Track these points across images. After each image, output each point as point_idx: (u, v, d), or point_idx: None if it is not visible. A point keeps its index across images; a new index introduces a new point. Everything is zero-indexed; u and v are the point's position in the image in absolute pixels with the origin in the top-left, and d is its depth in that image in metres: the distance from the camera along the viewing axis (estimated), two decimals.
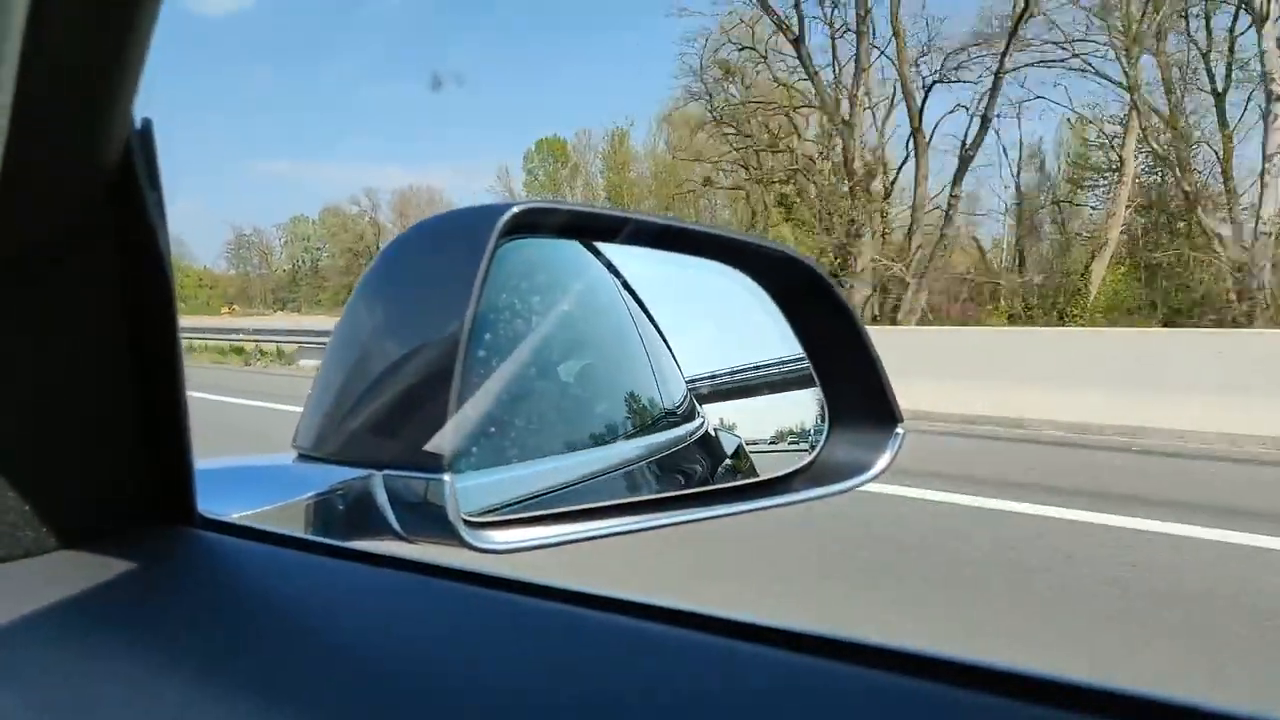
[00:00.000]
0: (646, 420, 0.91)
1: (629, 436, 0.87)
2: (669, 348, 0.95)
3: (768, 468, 0.91)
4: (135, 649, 0.43)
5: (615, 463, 0.82)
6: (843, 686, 0.33)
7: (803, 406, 0.90)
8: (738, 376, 0.97)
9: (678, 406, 0.93)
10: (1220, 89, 21.98)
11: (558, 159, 54.76)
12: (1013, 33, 22.18)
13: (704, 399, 0.94)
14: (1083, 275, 25.54)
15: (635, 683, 0.36)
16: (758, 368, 0.94)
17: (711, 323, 1.02)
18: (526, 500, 0.69)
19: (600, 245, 0.84)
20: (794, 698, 0.33)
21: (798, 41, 25.00)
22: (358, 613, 0.46)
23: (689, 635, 0.38)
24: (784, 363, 0.89)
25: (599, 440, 0.83)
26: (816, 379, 0.87)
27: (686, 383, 0.94)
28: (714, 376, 0.96)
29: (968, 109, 24.37)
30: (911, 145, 25.11)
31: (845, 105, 25.42)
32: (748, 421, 0.97)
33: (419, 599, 0.46)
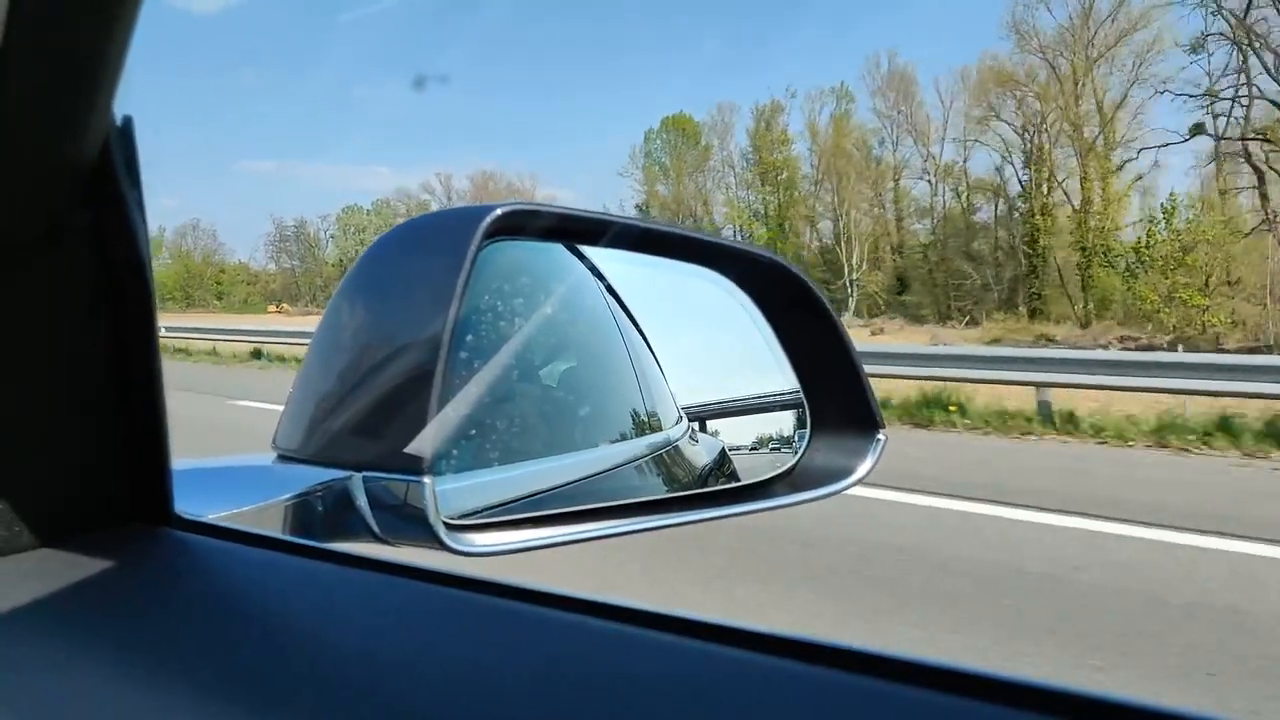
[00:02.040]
0: (629, 424, 0.91)
1: (612, 441, 0.87)
2: (653, 352, 0.95)
3: (751, 472, 0.91)
4: (107, 648, 0.43)
5: (598, 467, 0.81)
6: (812, 688, 0.33)
7: (786, 412, 0.91)
8: (726, 405, 0.98)
9: (661, 411, 0.93)
10: None
11: (688, 137, 50.00)
12: None
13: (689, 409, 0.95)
14: None
15: (610, 684, 0.36)
16: (744, 400, 0.95)
17: (696, 328, 1.02)
18: (508, 504, 0.68)
19: (584, 249, 0.84)
20: (764, 699, 0.33)
21: None
22: (335, 614, 0.46)
23: (664, 637, 0.38)
24: (769, 396, 0.90)
25: (581, 444, 0.83)
26: (799, 384, 0.87)
27: (670, 388, 0.95)
28: (703, 407, 0.97)
29: None
30: None
31: None
32: (731, 426, 0.97)
33: (398, 601, 0.46)
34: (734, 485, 0.92)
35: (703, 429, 0.95)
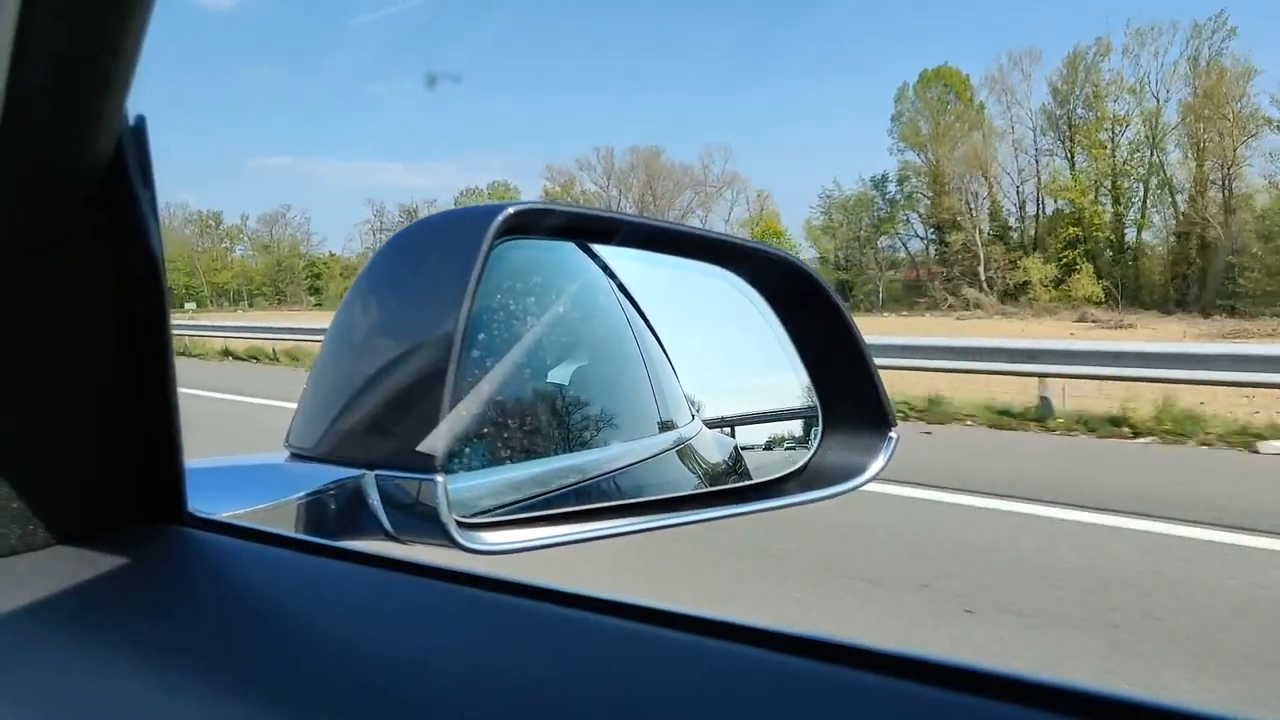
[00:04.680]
0: (642, 423, 0.91)
1: (624, 439, 0.87)
2: (664, 351, 0.95)
3: (763, 470, 0.91)
4: (122, 646, 0.43)
5: (610, 465, 0.81)
6: (824, 686, 0.33)
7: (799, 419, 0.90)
8: (741, 418, 0.98)
9: (674, 409, 0.93)
10: None
11: (958, 94, 41.55)
12: None
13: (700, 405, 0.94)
14: None
15: (623, 681, 0.35)
16: (759, 414, 0.95)
17: (708, 326, 1.02)
18: (519, 502, 0.69)
19: (596, 247, 0.84)
20: (780, 698, 0.33)
21: None
22: (348, 612, 0.46)
23: (678, 636, 0.38)
24: (784, 410, 0.90)
25: (593, 442, 0.83)
26: (811, 382, 0.87)
27: (682, 386, 0.94)
28: (719, 419, 0.96)
29: None
30: None
31: None
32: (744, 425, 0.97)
33: (410, 599, 0.46)
34: (747, 483, 0.91)
35: (732, 435, 0.95)
